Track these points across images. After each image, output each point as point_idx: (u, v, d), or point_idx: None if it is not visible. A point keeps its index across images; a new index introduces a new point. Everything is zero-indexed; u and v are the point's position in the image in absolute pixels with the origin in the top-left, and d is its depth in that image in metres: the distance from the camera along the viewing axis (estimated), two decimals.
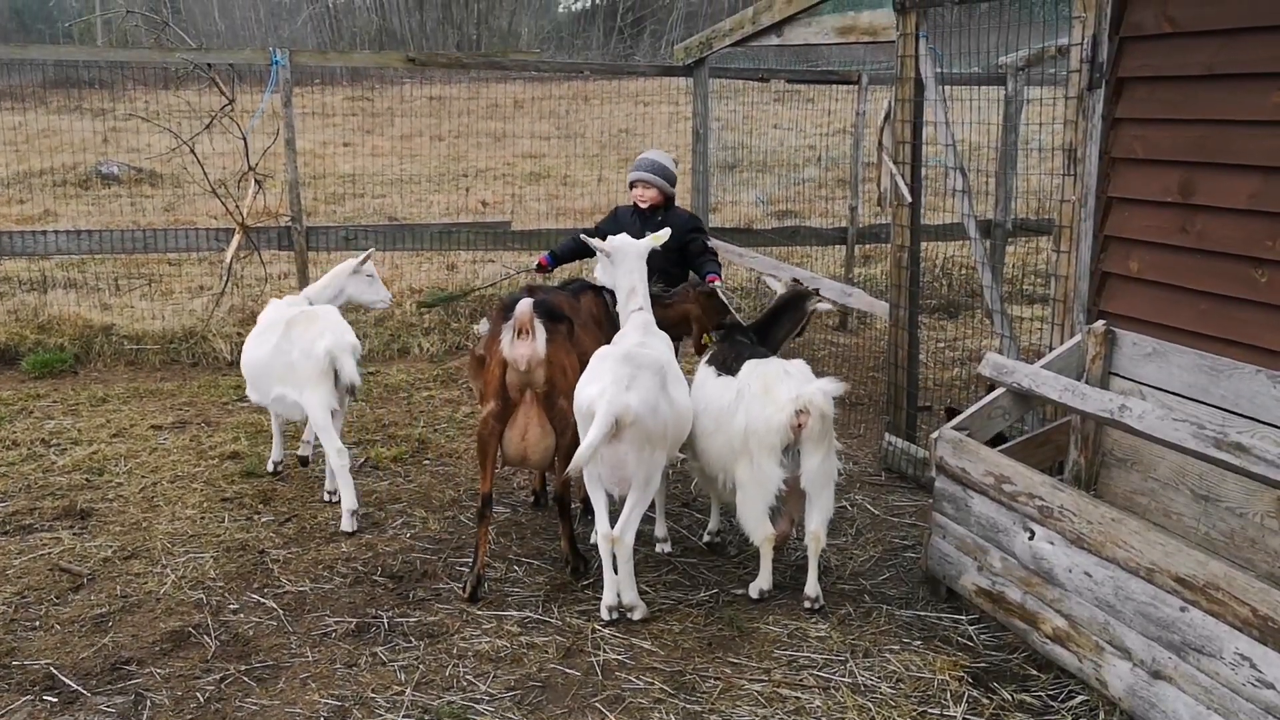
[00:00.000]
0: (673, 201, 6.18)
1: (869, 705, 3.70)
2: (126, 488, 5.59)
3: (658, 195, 6.01)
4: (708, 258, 5.83)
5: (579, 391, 4.28)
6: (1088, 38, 4.54)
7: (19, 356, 7.87)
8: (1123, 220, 4.59)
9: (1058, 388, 4.11)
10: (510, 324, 4.41)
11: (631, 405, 4.08)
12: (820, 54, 12.92)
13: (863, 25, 6.03)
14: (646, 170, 5.99)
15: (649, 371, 4.24)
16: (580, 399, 4.24)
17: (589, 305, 5.30)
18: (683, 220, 6.02)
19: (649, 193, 5.99)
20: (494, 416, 4.51)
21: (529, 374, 4.45)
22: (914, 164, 5.71)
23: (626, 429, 4.09)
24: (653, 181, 5.97)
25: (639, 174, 6.00)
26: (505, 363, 4.44)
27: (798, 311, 5.26)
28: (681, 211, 6.20)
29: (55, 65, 15.15)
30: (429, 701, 3.72)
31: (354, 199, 12.92)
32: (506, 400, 4.50)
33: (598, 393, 4.12)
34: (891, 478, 5.90)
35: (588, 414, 4.14)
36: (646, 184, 5.98)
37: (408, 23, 31.70)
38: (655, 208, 6.03)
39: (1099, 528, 3.55)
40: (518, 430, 4.54)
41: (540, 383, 4.47)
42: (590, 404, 4.13)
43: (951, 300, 9.89)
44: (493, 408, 4.52)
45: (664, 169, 6.03)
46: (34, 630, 4.17)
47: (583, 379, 4.32)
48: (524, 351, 4.40)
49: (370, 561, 4.78)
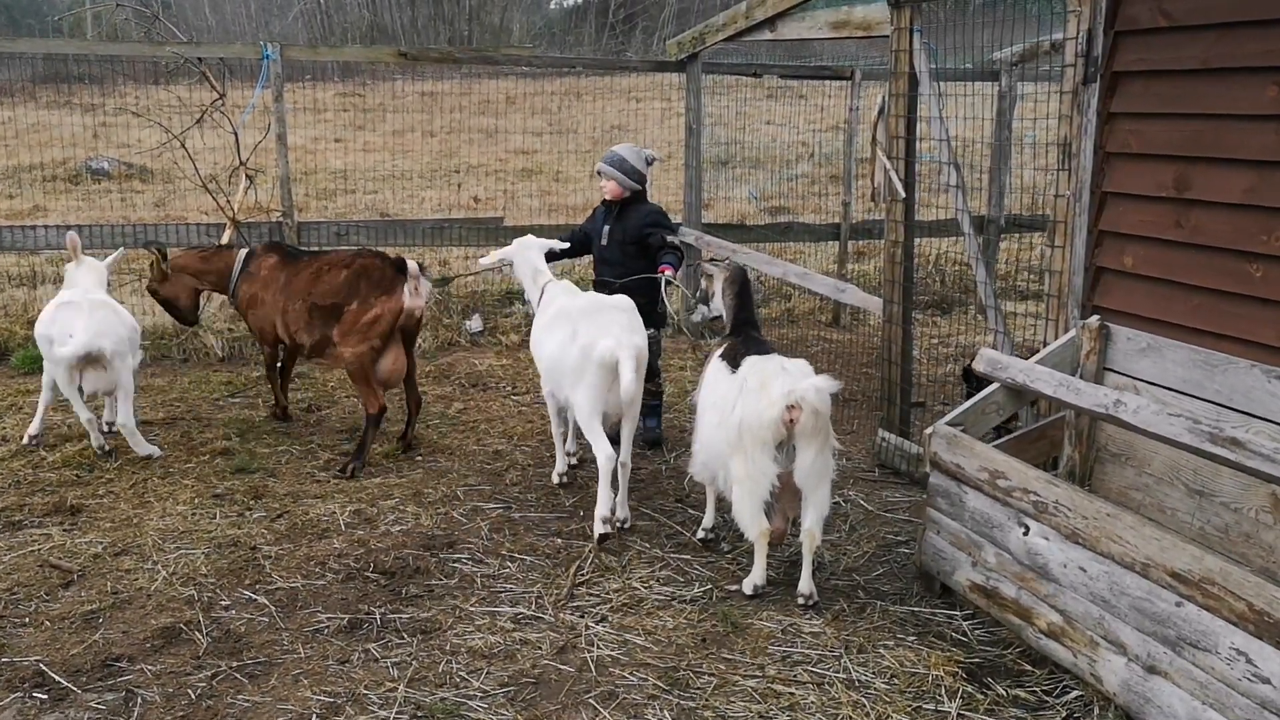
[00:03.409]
0: (641, 196, 6.20)
1: (864, 701, 3.69)
2: (117, 484, 5.56)
3: (616, 188, 6.11)
4: (667, 250, 5.87)
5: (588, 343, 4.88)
6: (1083, 32, 4.53)
7: (8, 353, 7.84)
8: (1117, 215, 4.58)
9: (1052, 383, 4.10)
10: (411, 283, 5.78)
11: (640, 345, 4.90)
12: (812, 50, 12.91)
13: (856, 20, 6.02)
14: (605, 162, 6.14)
15: (634, 314, 5.18)
16: (597, 351, 4.82)
17: None
18: (641, 214, 6.10)
19: (608, 185, 6.13)
20: (375, 351, 5.80)
21: (412, 319, 5.89)
22: (908, 159, 5.70)
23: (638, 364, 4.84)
24: (609, 174, 6.09)
25: (599, 165, 6.16)
26: (402, 311, 5.77)
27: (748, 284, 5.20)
28: (645, 205, 6.22)
29: (45, 60, 15.06)
30: (422, 698, 3.69)
31: (345, 195, 12.89)
32: (388, 340, 5.82)
33: (615, 342, 4.79)
34: (885, 473, 5.90)
35: (604, 363, 4.80)
36: (606, 176, 6.11)
37: (399, 18, 31.63)
38: (617, 201, 6.13)
39: (1094, 523, 3.55)
40: (390, 358, 5.87)
41: (413, 326, 5.97)
42: (610, 353, 4.78)
43: (944, 296, 9.90)
44: (376, 345, 5.78)
45: (622, 161, 6.09)
46: (23, 627, 4.14)
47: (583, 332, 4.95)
48: (419, 303, 5.86)
49: (362, 558, 4.76)
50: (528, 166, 14.88)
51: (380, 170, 13.47)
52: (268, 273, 6.19)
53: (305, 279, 6.02)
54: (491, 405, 7.08)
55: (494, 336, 8.77)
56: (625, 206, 6.14)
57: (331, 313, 5.86)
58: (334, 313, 5.85)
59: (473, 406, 7.04)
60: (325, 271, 5.98)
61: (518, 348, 8.46)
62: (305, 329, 6.00)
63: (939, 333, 8.85)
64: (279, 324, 6.12)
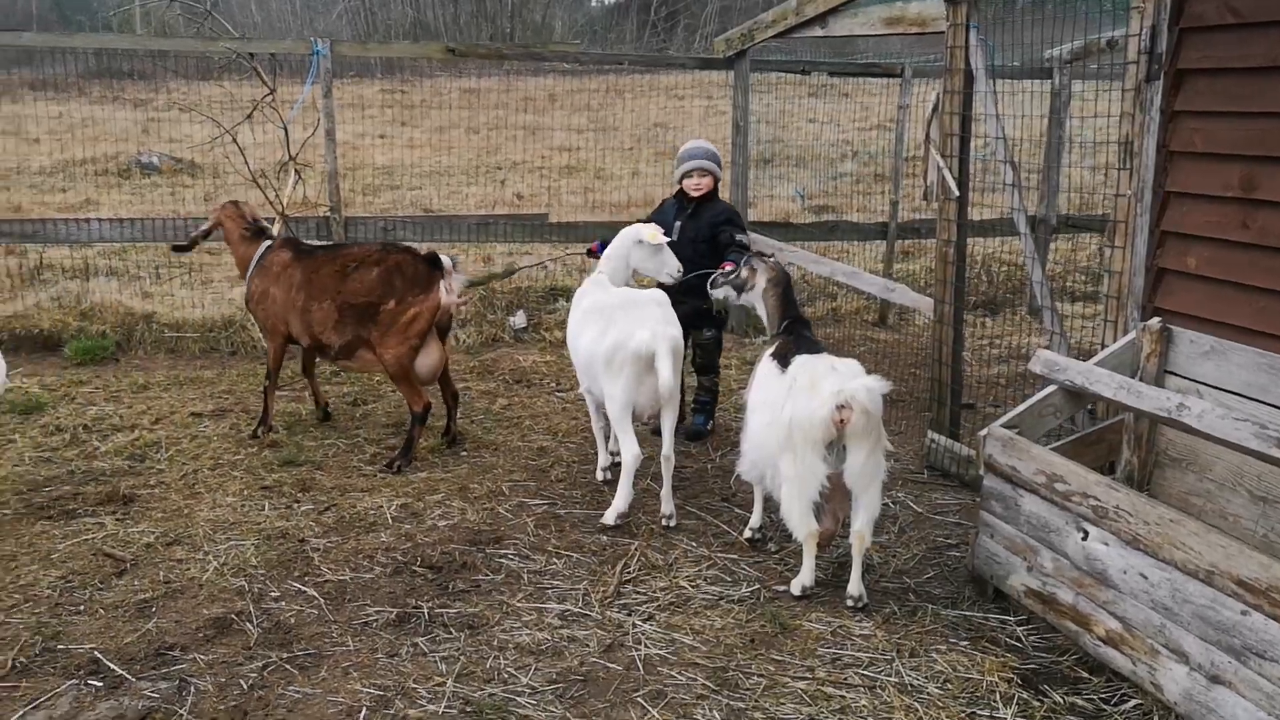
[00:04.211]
0: (715, 192, 6.19)
1: (916, 705, 3.64)
2: (168, 474, 5.61)
3: (711, 182, 6.09)
4: (734, 248, 5.80)
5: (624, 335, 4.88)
6: (1146, 28, 4.45)
7: (61, 343, 7.93)
8: (1180, 215, 4.49)
9: (1112, 385, 4.03)
10: (446, 279, 5.68)
11: (676, 337, 4.89)
12: (855, 47, 12.81)
13: (911, 16, 5.94)
14: (703, 158, 6.05)
15: (668, 307, 5.12)
16: (632, 343, 4.84)
17: None
18: (714, 211, 6.07)
19: (704, 180, 6.06)
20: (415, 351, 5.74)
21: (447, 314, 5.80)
22: (962, 157, 5.63)
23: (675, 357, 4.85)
24: (710, 169, 6.06)
25: (696, 163, 6.04)
26: (438, 308, 5.70)
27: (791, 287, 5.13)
28: (719, 202, 6.20)
29: (95, 56, 15.27)
30: (470, 693, 3.69)
31: (390, 190, 12.95)
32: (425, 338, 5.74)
33: (651, 335, 4.80)
34: (934, 475, 5.83)
35: (639, 356, 4.82)
36: (704, 172, 6.06)
37: (441, 16, 31.77)
38: (702, 197, 6.09)
39: (1156, 529, 3.47)
40: (434, 356, 5.82)
41: (447, 321, 5.86)
42: (647, 345, 4.80)
43: (992, 297, 9.78)
44: (415, 345, 5.72)
45: (716, 155, 6.15)
46: (78, 614, 4.18)
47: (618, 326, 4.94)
48: (456, 299, 5.80)
49: (409, 552, 4.76)
50: (570, 164, 14.86)
51: (423, 166, 13.52)
52: (280, 269, 6.02)
53: (329, 276, 5.84)
54: (535, 401, 7.08)
55: (538, 333, 8.77)
56: (700, 203, 6.10)
57: (365, 312, 5.72)
58: (368, 312, 5.71)
59: (517, 403, 7.04)
60: (353, 269, 5.79)
61: (561, 344, 8.45)
62: (334, 329, 5.83)
63: (987, 334, 8.74)
64: (296, 323, 5.96)
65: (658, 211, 6.34)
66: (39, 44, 9.19)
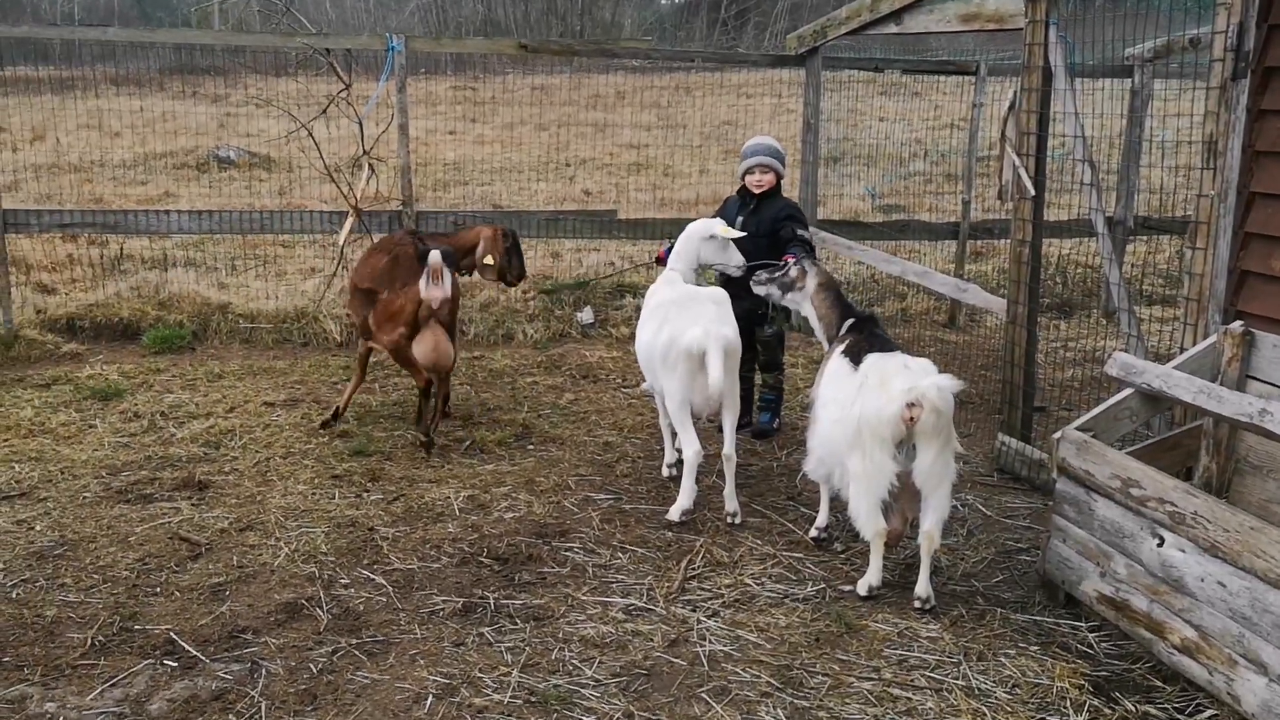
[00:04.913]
0: (778, 189, 6.18)
1: (984, 710, 3.59)
2: (241, 461, 5.72)
3: (774, 178, 6.09)
4: (794, 243, 5.77)
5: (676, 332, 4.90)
6: (1233, 25, 4.33)
7: (140, 332, 8.14)
8: (1266, 216, 4.37)
9: (1192, 389, 3.93)
10: (427, 272, 5.59)
11: (729, 336, 4.87)
12: (926, 45, 12.66)
13: (988, 12, 5.85)
14: (766, 154, 6.05)
15: (726, 306, 5.09)
16: (684, 340, 4.84)
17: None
18: (777, 207, 6.08)
19: (766, 177, 6.07)
20: (404, 339, 5.74)
21: (439, 309, 5.69)
22: (1039, 156, 5.53)
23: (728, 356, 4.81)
24: (774, 166, 6.07)
25: (759, 159, 6.06)
26: (420, 301, 5.63)
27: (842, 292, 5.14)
28: (781, 198, 6.19)
29: (174, 52, 15.65)
30: (535, 684, 3.72)
31: (459, 186, 13.07)
32: (415, 327, 5.72)
33: (703, 333, 4.78)
34: (1004, 478, 5.74)
35: (690, 353, 4.81)
36: (765, 168, 6.06)
37: (512, 13, 31.99)
38: (764, 193, 6.09)
39: (1236, 536, 3.39)
40: (428, 345, 5.75)
41: (444, 314, 5.76)
42: (698, 343, 4.78)
43: (1066, 299, 9.61)
44: (403, 332, 5.72)
45: (779, 152, 6.15)
46: (155, 596, 4.29)
47: (672, 323, 4.96)
48: (437, 294, 5.65)
49: (476, 543, 4.81)
50: (637, 161, 14.90)
51: (492, 163, 13.62)
52: None
53: (361, 260, 6.27)
54: (602, 397, 7.10)
55: (605, 329, 8.80)
56: (763, 199, 6.10)
57: (369, 297, 5.96)
58: (370, 298, 5.95)
59: (583, 398, 7.07)
60: (371, 254, 6.19)
61: (628, 340, 8.47)
62: (356, 311, 6.17)
63: (1059, 336, 8.59)
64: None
65: (721, 208, 6.36)
66: (123, 38, 9.45)
